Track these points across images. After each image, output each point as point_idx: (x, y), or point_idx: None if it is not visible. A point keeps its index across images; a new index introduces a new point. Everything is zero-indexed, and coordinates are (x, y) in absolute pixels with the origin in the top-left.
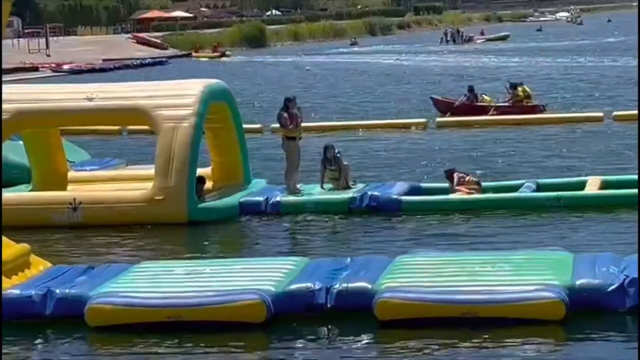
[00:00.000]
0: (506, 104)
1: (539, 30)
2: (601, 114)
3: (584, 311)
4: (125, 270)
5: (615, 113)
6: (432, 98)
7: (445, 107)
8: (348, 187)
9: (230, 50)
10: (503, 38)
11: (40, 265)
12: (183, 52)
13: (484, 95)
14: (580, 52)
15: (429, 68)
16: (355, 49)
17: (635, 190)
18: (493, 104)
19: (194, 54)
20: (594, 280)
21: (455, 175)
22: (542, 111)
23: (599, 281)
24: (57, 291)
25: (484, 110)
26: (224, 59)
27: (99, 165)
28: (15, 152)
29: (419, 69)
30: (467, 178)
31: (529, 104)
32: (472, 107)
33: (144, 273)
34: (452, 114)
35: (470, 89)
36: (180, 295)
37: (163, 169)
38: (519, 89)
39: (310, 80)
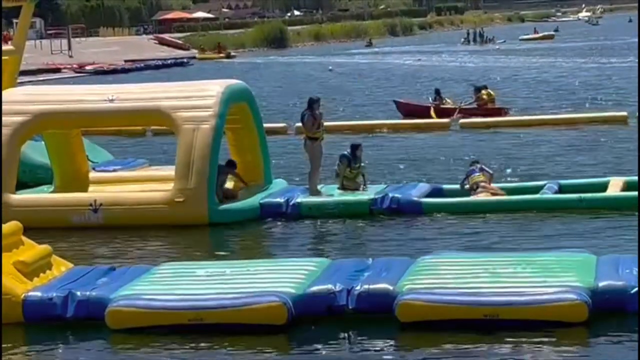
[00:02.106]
0: (470, 106)
1: (556, 30)
2: (625, 114)
3: (607, 313)
4: (146, 272)
5: None
6: (394, 101)
7: (407, 110)
8: (358, 188)
9: (253, 50)
10: (550, 37)
11: (62, 267)
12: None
13: (446, 99)
14: (581, 54)
15: (444, 69)
16: (375, 49)
17: None
18: (457, 107)
19: (197, 55)
20: (617, 282)
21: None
22: (505, 114)
23: (622, 283)
24: (78, 293)
25: (448, 113)
26: (228, 59)
27: (122, 165)
28: (41, 152)
29: (433, 70)
30: (475, 176)
31: (493, 107)
32: (437, 109)
33: (164, 275)
34: (418, 117)
35: (437, 92)
36: (201, 298)
37: (183, 170)
38: (483, 92)
39: (314, 81)
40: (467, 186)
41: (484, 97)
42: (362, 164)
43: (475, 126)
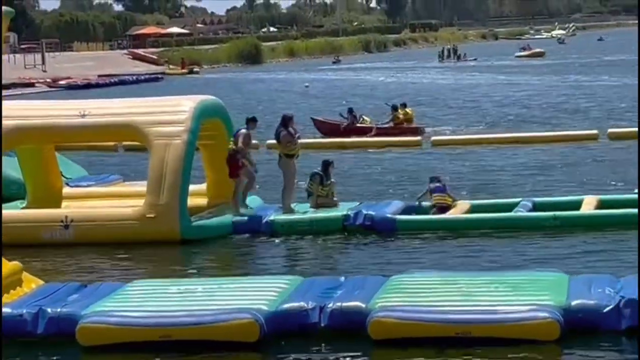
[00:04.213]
0: (386, 125)
1: (523, 49)
2: (596, 132)
3: (579, 332)
4: (117, 288)
5: (610, 131)
6: (312, 119)
7: (325, 129)
8: (336, 205)
9: (227, 66)
10: (541, 54)
11: (32, 283)
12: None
13: (363, 117)
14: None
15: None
16: (341, 66)
17: (632, 210)
18: (373, 125)
19: (166, 70)
20: (590, 301)
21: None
22: (421, 133)
23: (594, 302)
24: (49, 310)
25: (364, 132)
26: (191, 75)
27: (96, 181)
28: (14, 168)
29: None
30: (440, 196)
31: (409, 126)
32: (352, 128)
33: (136, 292)
34: (334, 136)
35: (350, 111)
36: (172, 315)
37: (155, 186)
38: (400, 111)
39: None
40: (425, 202)
41: (400, 116)
42: (332, 180)
43: (448, 143)
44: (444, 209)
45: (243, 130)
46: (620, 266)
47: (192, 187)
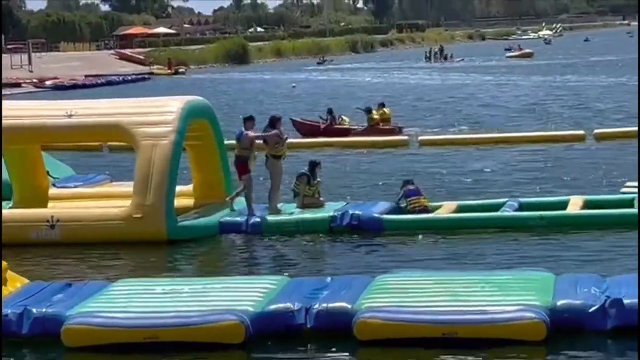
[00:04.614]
0: (362, 126)
1: (508, 49)
2: (583, 132)
3: (565, 332)
4: (103, 288)
5: (596, 131)
6: (291, 119)
7: (304, 130)
8: (322, 205)
9: (214, 66)
10: (530, 54)
11: (17, 282)
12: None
13: (343, 117)
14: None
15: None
16: (328, 67)
17: (617, 210)
18: (351, 126)
19: (155, 70)
20: (575, 301)
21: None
22: (397, 133)
23: (580, 302)
24: (34, 310)
25: (342, 133)
26: (177, 75)
27: (83, 181)
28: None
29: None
30: (416, 199)
31: (384, 127)
32: (331, 129)
33: (121, 292)
34: (313, 137)
35: (329, 112)
36: (157, 316)
37: (142, 186)
38: (374, 112)
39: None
40: (403, 205)
41: (375, 116)
42: (319, 180)
43: (435, 143)
44: (421, 211)
45: (251, 133)
46: (606, 266)
47: (179, 188)
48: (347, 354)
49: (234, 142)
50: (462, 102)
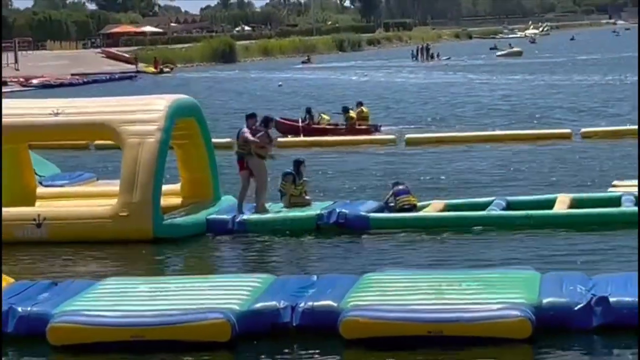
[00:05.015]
0: (341, 127)
1: (493, 48)
2: (569, 131)
3: (551, 330)
4: (88, 287)
5: (583, 130)
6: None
7: (283, 128)
8: (309, 203)
9: (202, 65)
10: (518, 54)
11: (2, 281)
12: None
13: (322, 115)
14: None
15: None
16: (315, 65)
17: (604, 209)
18: (328, 126)
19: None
20: (561, 299)
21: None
22: (375, 132)
23: (565, 300)
24: (19, 309)
25: (320, 132)
26: (162, 74)
27: (70, 179)
28: None
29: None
30: (405, 197)
31: (361, 126)
32: (310, 128)
33: (107, 290)
34: (293, 135)
35: (308, 111)
36: (143, 314)
37: (128, 184)
38: (351, 111)
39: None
40: (392, 204)
41: (353, 115)
42: (305, 179)
43: (421, 142)
44: (410, 209)
45: (247, 134)
46: (592, 264)
47: (166, 187)
48: (333, 352)
49: (220, 140)
50: (448, 100)
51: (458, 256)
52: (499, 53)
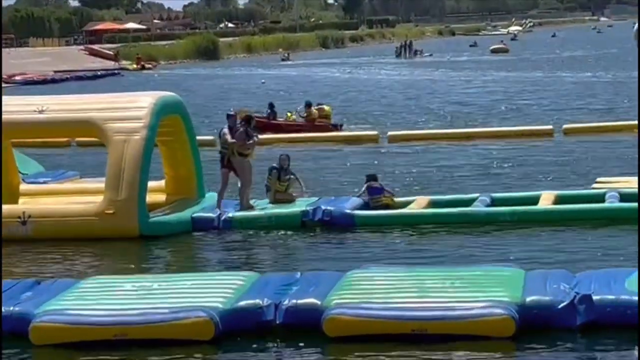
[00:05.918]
0: (300, 122)
1: (472, 45)
2: (551, 127)
3: (534, 328)
4: (72, 285)
5: (565, 126)
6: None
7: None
8: (294, 200)
9: (184, 62)
10: (505, 50)
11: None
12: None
13: (288, 113)
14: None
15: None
16: (298, 62)
17: (589, 205)
18: (285, 122)
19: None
20: (545, 297)
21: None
22: (335, 129)
23: (549, 298)
24: (2, 309)
25: (280, 128)
26: (145, 71)
27: (53, 177)
28: None
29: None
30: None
31: (321, 123)
32: (269, 124)
33: (90, 289)
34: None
35: (271, 106)
36: (127, 313)
37: (113, 182)
38: (314, 108)
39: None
40: (365, 199)
41: (314, 111)
42: (293, 175)
43: (404, 139)
44: (385, 209)
45: (228, 135)
46: (576, 262)
47: (151, 184)
48: (317, 350)
49: (205, 137)
50: (430, 97)
51: (442, 253)
52: (493, 47)
